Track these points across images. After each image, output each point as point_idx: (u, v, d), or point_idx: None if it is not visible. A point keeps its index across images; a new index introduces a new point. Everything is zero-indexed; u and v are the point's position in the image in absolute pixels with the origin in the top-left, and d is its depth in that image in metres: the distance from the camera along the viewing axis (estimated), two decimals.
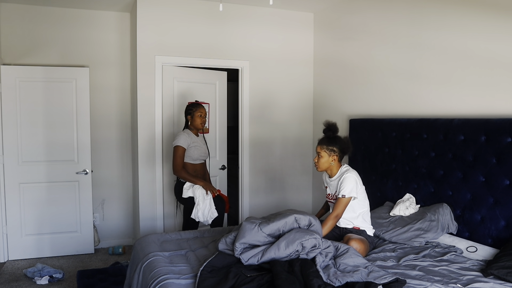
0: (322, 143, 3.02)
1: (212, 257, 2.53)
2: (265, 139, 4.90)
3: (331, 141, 3.00)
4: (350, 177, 2.95)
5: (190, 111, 3.87)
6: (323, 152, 3.01)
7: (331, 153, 3.00)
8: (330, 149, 2.99)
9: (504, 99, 2.84)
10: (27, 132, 4.41)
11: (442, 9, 3.28)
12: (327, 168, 3.06)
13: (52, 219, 4.54)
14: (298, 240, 2.44)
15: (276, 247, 2.43)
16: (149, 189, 4.46)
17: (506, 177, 2.75)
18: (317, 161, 3.05)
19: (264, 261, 2.41)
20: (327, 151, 3.00)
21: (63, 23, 4.59)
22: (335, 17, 4.61)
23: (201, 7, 4.48)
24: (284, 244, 2.43)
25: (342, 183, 2.95)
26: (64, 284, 3.83)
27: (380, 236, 3.13)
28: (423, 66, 3.47)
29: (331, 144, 2.99)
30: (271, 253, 2.42)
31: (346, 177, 2.95)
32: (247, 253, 2.46)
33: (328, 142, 3.00)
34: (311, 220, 2.66)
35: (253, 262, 2.42)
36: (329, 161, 3.02)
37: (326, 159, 3.01)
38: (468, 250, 2.82)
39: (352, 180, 2.94)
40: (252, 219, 2.73)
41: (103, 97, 4.78)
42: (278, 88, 4.90)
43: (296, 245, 2.42)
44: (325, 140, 3.02)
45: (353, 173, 2.99)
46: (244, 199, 4.87)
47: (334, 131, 3.03)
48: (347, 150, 3.05)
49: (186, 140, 3.75)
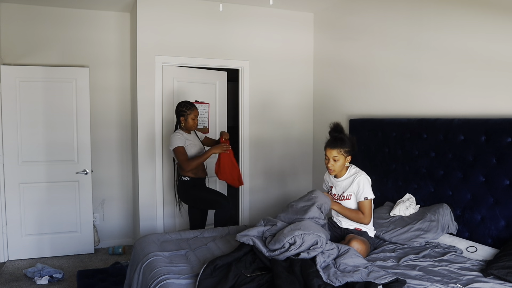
0: (337, 146, 2.91)
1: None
2: (265, 139, 4.90)
3: (344, 142, 2.91)
4: (365, 179, 2.94)
5: (183, 113, 3.82)
6: (340, 156, 2.91)
7: (347, 154, 2.94)
8: (346, 150, 2.92)
9: (504, 99, 2.84)
10: (27, 132, 4.41)
11: (442, 9, 3.28)
12: (341, 170, 3.01)
13: (52, 219, 4.54)
14: (300, 231, 2.49)
15: (281, 231, 2.59)
16: (149, 189, 4.46)
17: (506, 177, 2.75)
18: (333, 165, 2.94)
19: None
20: (344, 154, 2.92)
21: (63, 23, 4.59)
22: (335, 17, 4.61)
23: (201, 7, 4.48)
24: (288, 229, 2.54)
25: (360, 186, 2.92)
26: (64, 284, 3.83)
27: (380, 236, 3.13)
28: (423, 66, 3.47)
29: (344, 145, 2.91)
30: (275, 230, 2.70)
31: (361, 179, 2.93)
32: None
33: (342, 144, 2.91)
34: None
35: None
36: (345, 163, 2.97)
37: (342, 161, 2.93)
38: (468, 250, 2.82)
39: (368, 181, 2.95)
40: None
41: (103, 97, 4.78)
42: (278, 88, 4.90)
43: (296, 236, 2.48)
44: (338, 143, 2.91)
45: (365, 174, 2.98)
46: (244, 199, 4.87)
47: (342, 131, 2.98)
48: (356, 147, 3.01)
49: (182, 140, 3.74)
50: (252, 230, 2.80)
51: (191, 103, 3.88)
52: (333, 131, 2.99)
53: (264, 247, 2.59)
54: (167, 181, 4.53)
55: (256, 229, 2.81)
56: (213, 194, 3.82)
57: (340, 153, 2.91)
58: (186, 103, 3.86)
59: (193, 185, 3.82)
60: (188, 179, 3.81)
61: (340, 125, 3.01)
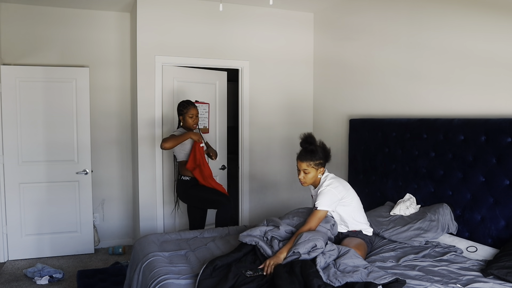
0: (306, 158, 2.80)
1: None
2: (265, 139, 4.90)
3: (314, 154, 2.79)
4: (328, 190, 2.78)
5: (181, 112, 3.86)
6: (310, 168, 2.80)
7: (318, 167, 2.82)
8: (317, 163, 2.81)
9: (504, 99, 2.84)
10: (27, 132, 4.41)
11: (442, 9, 3.28)
12: (314, 181, 2.91)
13: (52, 219, 4.54)
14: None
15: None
16: (149, 189, 4.46)
17: (506, 177, 2.74)
18: (304, 177, 2.83)
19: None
20: (314, 166, 2.81)
21: (63, 23, 4.59)
22: (335, 17, 4.61)
23: (201, 7, 4.48)
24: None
25: (319, 195, 2.79)
26: (64, 284, 3.84)
27: (380, 235, 3.13)
28: (423, 66, 3.47)
29: (315, 158, 2.79)
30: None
31: (324, 190, 2.79)
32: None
33: (312, 156, 2.79)
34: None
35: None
36: (317, 175, 2.85)
37: (313, 174, 2.83)
38: (468, 250, 2.82)
39: (330, 193, 2.77)
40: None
41: (103, 97, 4.78)
42: (278, 88, 4.90)
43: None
44: (308, 155, 2.80)
45: (334, 184, 2.82)
46: (244, 199, 4.87)
47: (312, 142, 2.83)
48: (329, 156, 2.88)
49: (177, 132, 3.78)
50: (254, 230, 2.80)
51: (188, 101, 3.91)
52: (303, 142, 2.85)
53: (268, 248, 2.60)
54: (167, 181, 4.53)
55: (259, 229, 2.82)
56: (214, 193, 3.81)
57: (310, 166, 2.80)
58: (184, 102, 3.90)
59: (193, 185, 3.82)
60: (188, 178, 3.81)
61: (312, 136, 2.86)
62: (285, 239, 2.74)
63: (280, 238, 2.75)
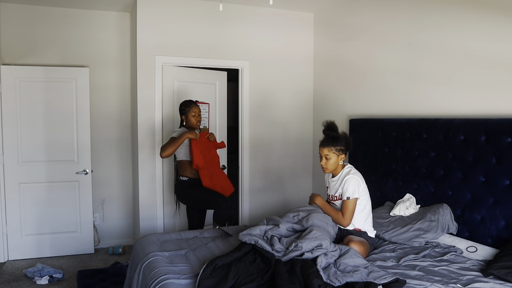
0: (328, 144, 2.93)
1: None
2: (265, 139, 4.90)
3: (336, 141, 2.93)
4: (353, 178, 2.91)
5: (183, 111, 3.85)
6: (331, 154, 2.93)
7: (339, 153, 2.94)
8: (338, 149, 2.93)
9: (504, 99, 2.84)
10: (27, 132, 4.41)
11: (442, 9, 3.28)
12: (336, 168, 3.02)
13: (52, 219, 4.54)
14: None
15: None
16: (149, 189, 4.46)
17: (506, 177, 2.74)
18: (325, 163, 2.96)
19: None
20: (336, 152, 2.93)
21: (63, 23, 4.59)
22: (335, 17, 4.61)
23: (201, 7, 4.48)
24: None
25: (345, 186, 2.92)
26: (64, 284, 3.83)
27: (380, 236, 3.13)
28: (423, 66, 3.47)
29: (337, 144, 2.92)
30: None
31: (349, 179, 2.92)
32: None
33: (334, 142, 2.93)
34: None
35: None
36: (338, 161, 2.97)
37: (335, 160, 2.95)
38: (468, 250, 2.82)
39: (356, 181, 2.91)
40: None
41: (103, 97, 4.78)
42: (278, 88, 4.90)
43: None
44: (330, 141, 2.94)
45: (356, 175, 2.96)
46: (244, 199, 4.87)
47: (335, 129, 2.99)
48: (351, 145, 3.02)
49: (177, 133, 3.76)
50: (254, 230, 2.81)
51: (190, 100, 3.91)
52: (326, 129, 3.00)
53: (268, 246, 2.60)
54: (167, 181, 4.53)
55: (259, 228, 2.83)
56: (212, 194, 3.80)
57: (332, 151, 2.93)
58: (186, 101, 3.90)
59: (191, 185, 3.82)
60: (186, 179, 3.81)
61: (334, 123, 3.01)
62: (285, 237, 2.75)
63: (280, 236, 2.75)
